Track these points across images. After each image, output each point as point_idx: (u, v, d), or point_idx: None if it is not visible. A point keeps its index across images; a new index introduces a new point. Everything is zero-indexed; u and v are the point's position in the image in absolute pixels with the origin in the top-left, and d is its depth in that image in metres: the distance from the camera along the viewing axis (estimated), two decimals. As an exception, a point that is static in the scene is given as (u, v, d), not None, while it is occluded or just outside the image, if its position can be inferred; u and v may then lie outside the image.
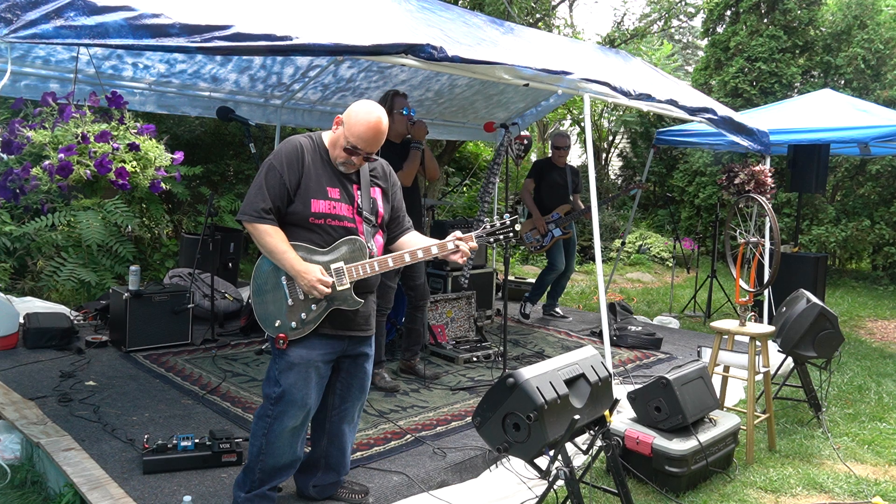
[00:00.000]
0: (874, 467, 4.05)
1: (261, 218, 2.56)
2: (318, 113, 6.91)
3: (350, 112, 2.62)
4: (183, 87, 5.72)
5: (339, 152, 2.64)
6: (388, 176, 2.88)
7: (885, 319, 8.40)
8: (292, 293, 2.60)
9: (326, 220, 2.61)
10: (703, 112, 5.50)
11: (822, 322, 4.45)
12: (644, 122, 13.59)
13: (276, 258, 2.57)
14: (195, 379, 4.58)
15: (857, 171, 11.08)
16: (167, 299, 5.27)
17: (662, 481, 3.57)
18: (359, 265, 2.63)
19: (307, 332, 2.62)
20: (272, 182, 2.57)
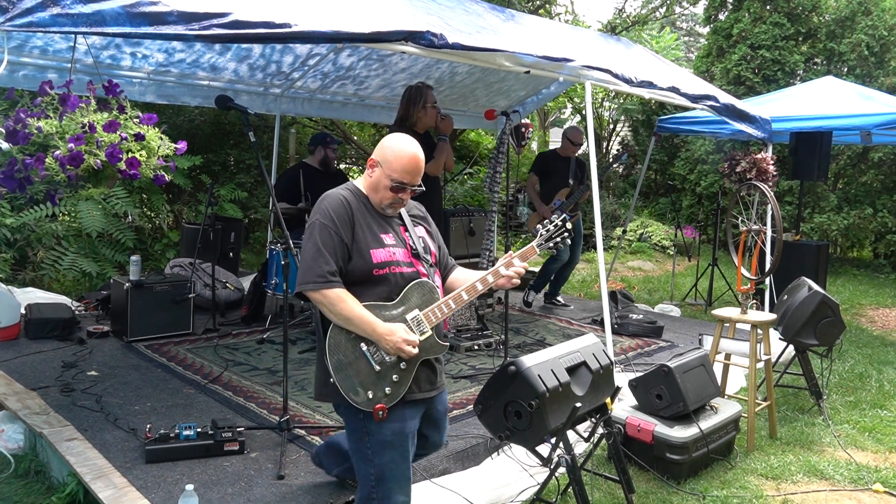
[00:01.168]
0: (875, 454, 4.06)
1: (328, 283, 2.30)
2: (317, 101, 6.90)
3: (385, 150, 2.45)
4: (182, 77, 5.71)
5: (385, 193, 2.44)
6: (426, 215, 2.72)
7: (886, 307, 8.40)
8: (377, 358, 2.36)
9: (390, 269, 2.40)
10: (705, 99, 5.48)
11: (824, 310, 4.45)
12: (646, 109, 13.53)
13: (354, 325, 2.32)
14: (197, 368, 4.59)
15: (860, 159, 11.04)
16: (168, 289, 5.27)
17: (664, 468, 3.58)
18: (434, 308, 2.43)
19: (402, 394, 2.39)
20: (328, 241, 2.34)
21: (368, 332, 2.32)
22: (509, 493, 3.29)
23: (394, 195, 2.44)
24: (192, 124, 8.89)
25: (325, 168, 5.87)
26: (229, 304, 6.18)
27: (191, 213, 8.75)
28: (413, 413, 2.45)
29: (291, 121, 9.75)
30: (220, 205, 8.17)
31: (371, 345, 2.35)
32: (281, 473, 3.13)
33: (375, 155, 2.46)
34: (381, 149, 2.47)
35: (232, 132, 9.53)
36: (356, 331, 2.33)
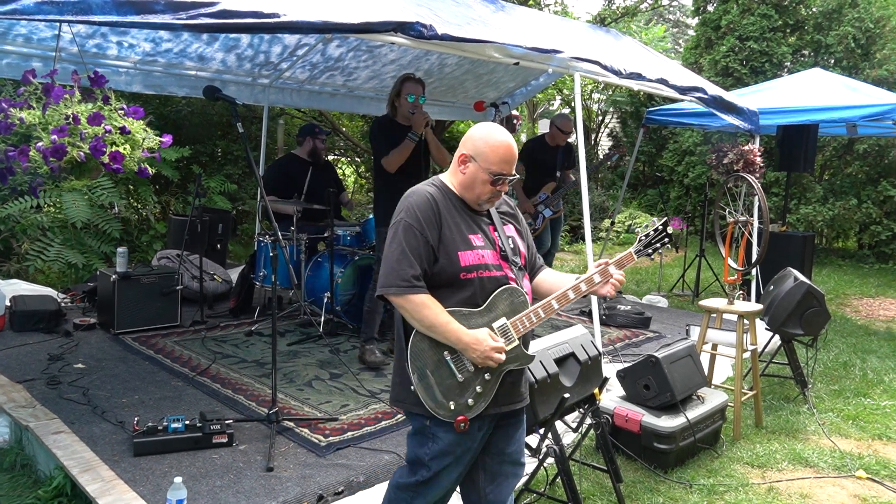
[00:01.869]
0: (858, 442, 4.12)
1: (412, 287, 2.14)
2: (306, 93, 6.85)
3: (477, 142, 2.27)
4: (169, 67, 5.65)
5: (483, 188, 2.27)
6: (515, 210, 2.53)
7: (870, 297, 8.49)
8: (460, 367, 2.20)
9: (478, 273, 2.23)
10: (693, 91, 5.49)
11: (810, 300, 4.49)
12: (634, 101, 13.56)
13: (438, 332, 2.15)
14: (185, 361, 4.57)
15: (845, 151, 11.12)
16: (155, 281, 5.24)
17: (651, 458, 3.61)
18: (523, 317, 2.26)
19: (486, 405, 2.23)
20: (413, 243, 2.17)
21: (453, 341, 2.16)
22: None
23: (493, 189, 2.27)
24: (179, 115, 8.81)
25: (315, 159, 5.84)
26: (217, 297, 6.15)
27: (178, 205, 8.69)
28: (484, 425, 2.29)
29: (280, 112, 9.69)
30: (210, 197, 8.12)
31: (454, 354, 2.20)
32: (270, 465, 3.13)
33: (466, 149, 2.28)
34: (471, 142, 2.28)
35: (220, 123, 9.46)
36: (440, 338, 2.17)
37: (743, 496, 3.40)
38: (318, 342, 5.10)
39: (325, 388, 4.21)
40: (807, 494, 3.46)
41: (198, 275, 5.78)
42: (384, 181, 4.62)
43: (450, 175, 2.35)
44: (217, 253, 7.01)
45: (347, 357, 4.80)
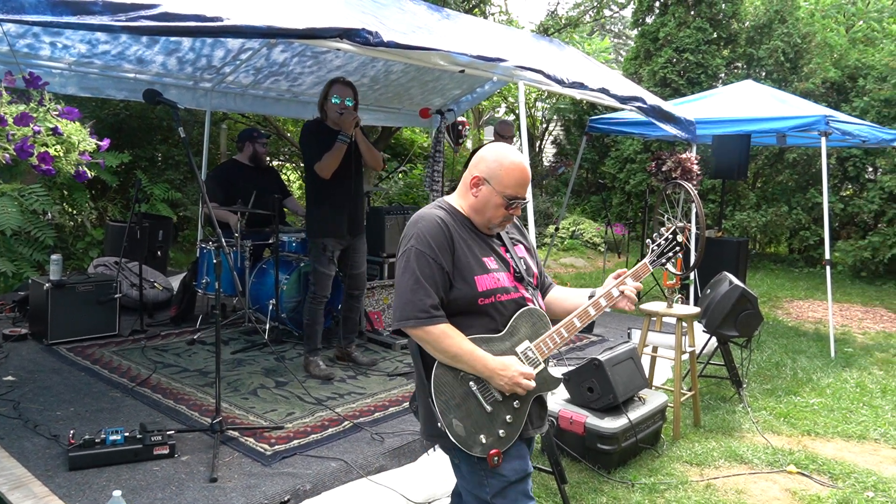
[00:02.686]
0: (789, 438, 4.30)
1: (432, 318, 2.04)
2: (250, 97, 6.76)
3: (491, 164, 2.18)
4: (106, 69, 5.49)
5: (496, 213, 2.18)
6: (523, 231, 2.46)
7: (800, 300, 8.87)
8: (487, 397, 2.10)
9: (496, 297, 2.14)
10: (633, 101, 5.64)
11: (744, 303, 4.67)
12: (577, 109, 13.84)
13: (463, 362, 2.06)
14: (123, 371, 4.44)
15: (776, 160, 11.60)
16: (92, 289, 5.07)
17: (595, 459, 3.69)
18: (546, 339, 2.18)
19: (516, 437, 2.14)
20: (427, 270, 2.06)
21: (479, 369, 2.06)
22: (445, 489, 3.32)
23: (506, 213, 2.19)
24: (117, 118, 8.56)
25: (256, 164, 5.77)
26: (157, 305, 5.99)
27: (116, 210, 8.44)
28: (522, 443, 2.19)
29: (222, 116, 9.52)
30: (153, 204, 7.91)
31: (481, 383, 2.09)
32: (213, 476, 3.07)
33: (479, 171, 2.18)
34: (484, 164, 2.18)
35: (160, 127, 9.24)
36: (465, 368, 2.07)
37: (682, 493, 3.50)
38: (263, 350, 5.03)
39: (271, 396, 4.16)
40: (742, 490, 3.59)
41: (137, 282, 5.62)
42: (317, 189, 4.46)
43: (458, 197, 2.25)
44: (157, 260, 6.83)
45: (293, 364, 4.75)
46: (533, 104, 14.56)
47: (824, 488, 3.63)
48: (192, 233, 9.29)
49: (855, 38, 11.60)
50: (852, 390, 5.23)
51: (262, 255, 5.74)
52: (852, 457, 4.07)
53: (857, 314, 8.15)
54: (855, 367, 5.84)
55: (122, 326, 5.27)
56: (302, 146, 4.58)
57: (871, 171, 11.10)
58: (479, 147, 7.17)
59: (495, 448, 2.08)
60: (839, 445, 4.24)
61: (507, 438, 2.11)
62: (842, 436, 4.37)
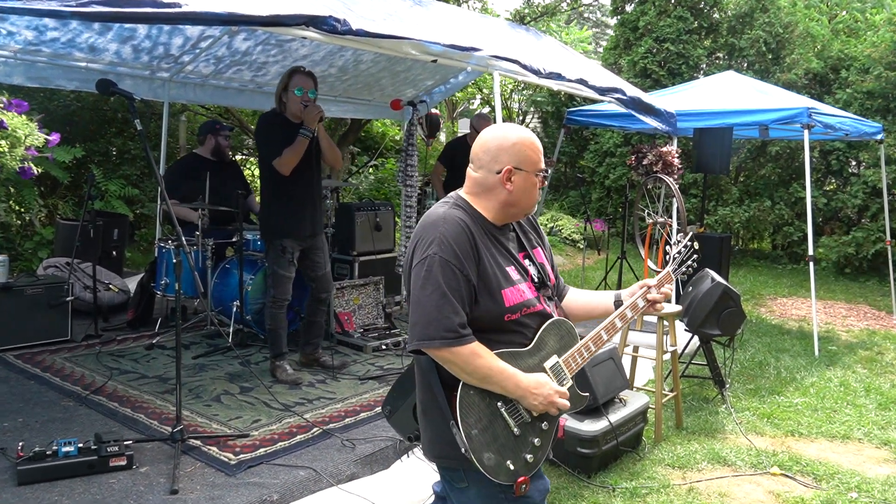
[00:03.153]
0: (772, 439, 4.38)
1: (460, 338, 1.91)
2: (210, 88, 6.68)
3: (512, 148, 2.08)
4: (55, 57, 5.39)
5: (534, 192, 2.13)
6: (538, 229, 2.35)
7: (784, 297, 9.04)
8: (515, 418, 2.00)
9: (522, 312, 2.05)
10: (612, 92, 5.70)
11: (726, 301, 4.74)
12: (555, 101, 13.92)
13: (494, 381, 1.95)
14: (77, 378, 4.37)
15: (759, 153, 11.80)
16: (41, 292, 4.98)
17: (574, 463, 3.72)
18: (574, 353, 2.12)
19: (542, 461, 2.07)
20: (454, 283, 1.93)
21: (510, 389, 1.96)
22: (420, 496, 3.33)
23: (539, 188, 2.15)
24: (67, 110, 8.40)
25: (219, 157, 5.71)
26: (113, 308, 5.91)
27: (68, 208, 8.29)
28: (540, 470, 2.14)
29: (182, 108, 9.40)
30: (109, 201, 7.79)
31: (509, 404, 2.00)
32: (174, 488, 3.04)
33: (505, 163, 2.06)
34: (505, 152, 2.08)
35: (114, 119, 9.09)
36: (495, 388, 1.96)
37: (664, 498, 3.56)
38: (226, 354, 4.98)
39: (235, 402, 4.12)
40: (725, 493, 3.65)
41: (91, 284, 5.53)
42: (275, 186, 4.39)
43: (474, 196, 2.13)
44: (113, 261, 6.73)
45: (259, 369, 4.71)
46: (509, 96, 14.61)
47: (808, 490, 3.71)
48: (149, 231, 9.16)
49: (837, 29, 11.84)
50: (836, 389, 5.34)
51: (224, 255, 5.69)
52: (836, 457, 4.16)
53: (841, 311, 8.34)
54: (839, 366, 5.97)
55: (74, 331, 5.18)
56: (258, 140, 4.51)
57: (854, 165, 11.34)
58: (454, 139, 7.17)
59: (523, 475, 1.98)
60: (823, 446, 4.33)
61: (534, 464, 2.02)
62: (825, 436, 4.47)
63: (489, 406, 1.98)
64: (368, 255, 6.02)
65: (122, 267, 7.04)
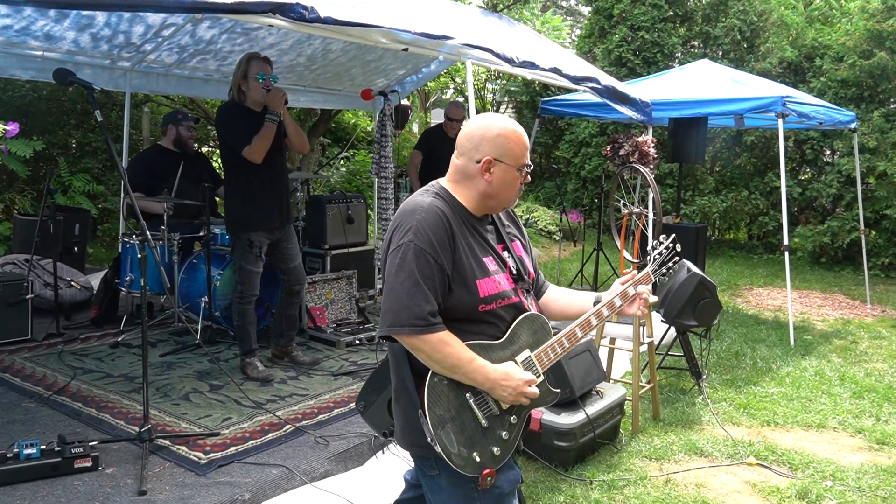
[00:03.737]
0: (749, 429, 4.47)
1: (429, 325, 1.95)
2: (174, 77, 6.60)
3: (495, 139, 2.09)
4: (9, 46, 5.30)
5: (514, 186, 2.14)
6: (518, 223, 2.39)
7: (760, 287, 9.20)
8: (484, 410, 2.04)
9: (497, 303, 2.08)
10: (587, 81, 5.74)
11: (702, 291, 4.82)
12: (529, 91, 13.97)
13: (461, 372, 1.99)
14: (38, 379, 4.31)
15: (734, 143, 11.97)
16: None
17: (551, 456, 3.77)
18: (547, 348, 2.14)
19: (510, 455, 2.10)
20: (427, 271, 1.96)
21: (479, 380, 2.01)
22: (396, 492, 3.32)
23: (521, 183, 2.16)
24: (23, 101, 8.25)
25: (182, 149, 5.65)
26: (76, 305, 5.83)
27: (26, 203, 8.16)
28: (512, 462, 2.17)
29: (144, 98, 9.27)
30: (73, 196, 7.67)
31: (478, 395, 2.04)
32: (143, 489, 3.02)
33: (486, 153, 2.08)
34: (487, 142, 2.09)
35: (73, 111, 8.95)
36: (463, 379, 2.00)
37: (642, 489, 3.61)
38: (195, 352, 4.95)
39: (205, 401, 4.10)
40: (702, 484, 3.72)
41: (51, 282, 5.45)
42: (239, 177, 4.36)
43: (455, 184, 2.15)
44: (74, 257, 6.64)
45: (229, 367, 4.69)
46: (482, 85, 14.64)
47: (784, 479, 3.80)
48: (113, 226, 9.04)
49: (812, 17, 12.03)
50: (811, 379, 5.46)
51: (192, 249, 5.64)
52: (811, 446, 4.26)
53: (817, 301, 8.51)
54: (814, 355, 6.10)
55: (35, 330, 5.11)
56: (222, 131, 4.45)
57: (828, 155, 11.56)
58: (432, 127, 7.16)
59: (489, 467, 2.02)
60: (798, 435, 4.43)
61: (501, 457, 2.06)
62: (801, 425, 4.57)
63: (458, 397, 2.02)
64: (341, 248, 6.01)
65: (84, 263, 6.94)
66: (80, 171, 8.47)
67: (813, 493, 3.61)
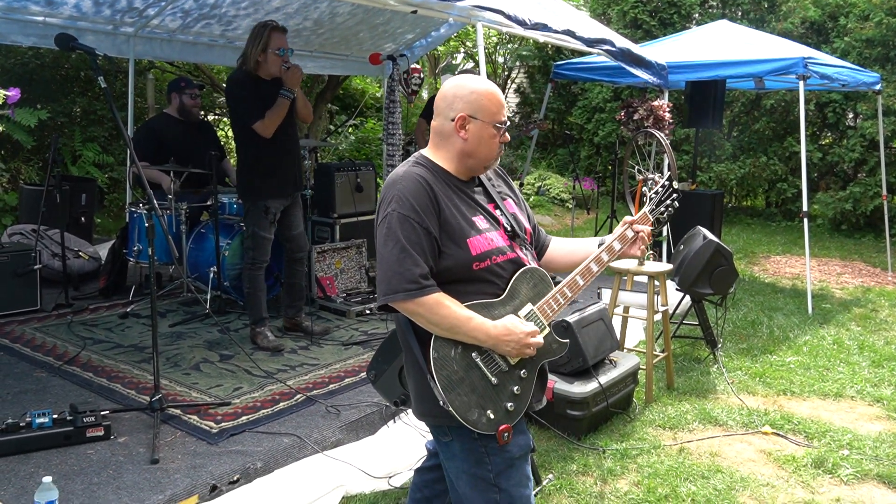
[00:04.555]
0: (764, 398, 4.48)
1: (422, 288, 1.99)
2: (178, 43, 6.58)
3: (468, 97, 2.13)
4: (9, 11, 5.29)
5: (492, 144, 2.16)
6: (509, 182, 2.42)
7: (777, 255, 9.15)
8: (491, 367, 2.07)
9: (491, 260, 2.11)
10: (601, 44, 5.67)
11: (718, 259, 4.81)
12: (542, 55, 13.81)
13: (461, 331, 2.03)
14: (48, 349, 4.38)
15: (753, 106, 11.81)
16: (7, 260, 4.95)
17: (564, 425, 3.80)
18: (549, 300, 2.16)
19: (525, 409, 2.14)
20: (414, 237, 2.01)
21: (481, 338, 2.04)
22: (408, 461, 3.39)
23: (499, 142, 2.18)
24: (26, 68, 8.24)
25: (186, 117, 5.64)
26: (84, 276, 5.88)
27: (32, 172, 8.19)
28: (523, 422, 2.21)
29: (148, 65, 9.24)
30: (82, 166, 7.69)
31: (484, 353, 2.07)
32: (155, 457, 3.07)
33: (459, 111, 2.13)
34: (460, 100, 2.13)
35: (77, 78, 8.94)
36: (465, 338, 2.04)
37: (655, 458, 3.64)
38: (204, 322, 5.00)
39: (215, 370, 4.15)
40: (716, 452, 3.75)
41: (59, 252, 5.50)
42: (253, 146, 4.38)
43: (434, 150, 2.20)
44: (82, 227, 6.68)
45: (239, 336, 4.74)
46: (494, 49, 14.48)
47: (799, 448, 3.82)
48: (120, 196, 9.07)
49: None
50: (829, 347, 5.46)
51: (199, 219, 5.67)
52: (828, 415, 4.27)
53: (836, 269, 8.46)
54: (832, 324, 6.09)
55: (44, 301, 5.17)
56: (233, 101, 4.46)
57: (851, 118, 11.38)
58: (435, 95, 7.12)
59: (504, 423, 2.05)
60: (815, 404, 4.44)
61: (515, 412, 2.09)
62: (818, 394, 4.57)
63: (464, 357, 2.06)
64: (350, 217, 6.01)
65: (91, 233, 6.99)
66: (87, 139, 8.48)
67: (829, 462, 3.63)
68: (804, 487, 3.44)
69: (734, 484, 3.43)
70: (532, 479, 2.25)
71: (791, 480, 3.50)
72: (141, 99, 8.79)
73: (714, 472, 3.52)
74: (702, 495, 3.30)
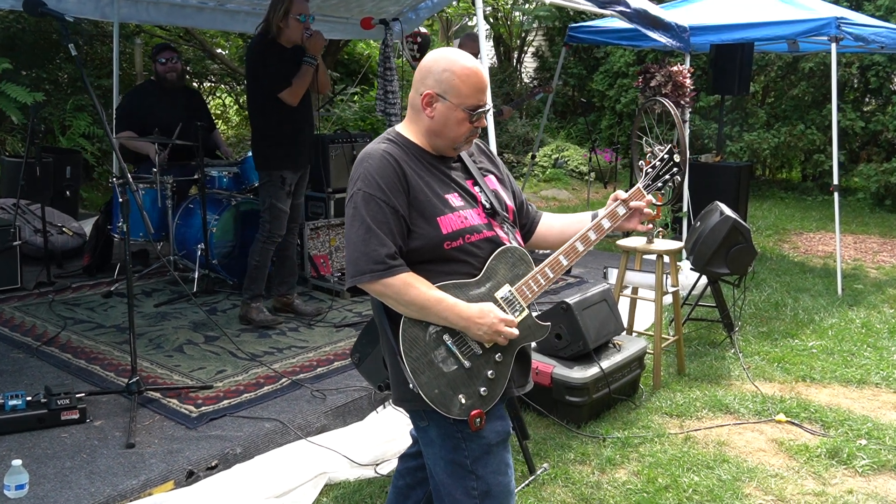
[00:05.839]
0: (781, 385, 4.50)
1: (389, 268, 2.02)
2: (166, 7, 6.61)
3: (440, 74, 2.12)
4: (-14, -27, 5.34)
5: (460, 128, 2.15)
6: (493, 158, 2.43)
7: (810, 232, 9.09)
8: (464, 351, 2.10)
9: (465, 238, 2.12)
10: (613, 5, 5.62)
11: (735, 236, 4.80)
12: (562, 16, 13.69)
13: (432, 313, 2.05)
14: (27, 329, 4.49)
15: (789, 70, 11.64)
16: (-14, 236, 5.07)
17: (563, 412, 3.85)
18: (529, 280, 2.16)
19: (500, 394, 2.15)
20: (380, 216, 2.04)
21: (452, 320, 2.05)
22: (396, 448, 3.46)
23: (471, 126, 2.16)
24: (7, 33, 8.31)
25: (165, 85, 5.69)
26: (67, 253, 6.00)
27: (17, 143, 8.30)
28: (501, 406, 2.22)
29: (136, 30, 9.29)
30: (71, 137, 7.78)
31: (457, 336, 2.09)
32: (131, 441, 3.17)
33: (428, 87, 2.13)
34: (432, 76, 2.13)
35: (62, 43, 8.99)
36: (435, 320, 2.07)
37: (658, 447, 3.69)
38: (191, 302, 5.09)
39: (199, 352, 4.25)
40: (724, 442, 3.78)
41: (41, 227, 5.60)
42: (272, 115, 4.50)
43: (408, 123, 2.22)
44: (67, 201, 6.79)
45: (225, 317, 4.83)
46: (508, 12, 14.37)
47: (814, 437, 3.84)
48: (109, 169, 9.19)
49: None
50: (857, 331, 5.45)
51: (187, 194, 5.74)
52: (849, 403, 4.28)
53: (873, 246, 8.40)
54: (863, 306, 6.06)
55: (25, 278, 5.29)
56: (255, 68, 4.56)
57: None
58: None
59: (477, 408, 2.08)
60: (835, 391, 4.45)
61: (489, 397, 2.11)
62: (839, 381, 4.58)
63: (435, 339, 2.09)
64: (345, 191, 6.04)
65: (77, 208, 7.10)
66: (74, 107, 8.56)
67: (844, 453, 3.65)
68: (815, 478, 3.47)
69: (740, 474, 3.46)
70: (512, 467, 2.28)
71: (802, 471, 3.53)
72: (129, 65, 8.85)
73: (720, 462, 3.56)
74: (704, 486, 3.35)
